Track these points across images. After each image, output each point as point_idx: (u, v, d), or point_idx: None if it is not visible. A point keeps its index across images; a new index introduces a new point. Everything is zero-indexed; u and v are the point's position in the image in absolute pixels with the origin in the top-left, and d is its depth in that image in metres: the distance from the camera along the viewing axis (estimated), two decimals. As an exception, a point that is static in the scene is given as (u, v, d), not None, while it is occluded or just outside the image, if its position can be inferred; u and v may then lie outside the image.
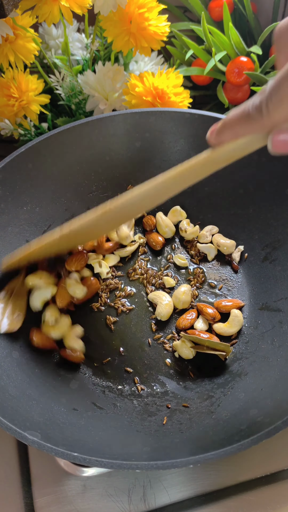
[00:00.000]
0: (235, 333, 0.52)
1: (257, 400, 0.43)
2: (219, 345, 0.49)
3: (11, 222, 0.54)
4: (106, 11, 0.59)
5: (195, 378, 0.49)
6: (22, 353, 0.48)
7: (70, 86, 0.66)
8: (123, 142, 0.60)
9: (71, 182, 0.59)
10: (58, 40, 0.72)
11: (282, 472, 0.46)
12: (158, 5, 0.61)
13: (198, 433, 0.42)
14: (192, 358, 0.50)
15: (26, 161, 0.55)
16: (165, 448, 0.40)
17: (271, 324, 0.51)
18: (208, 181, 0.60)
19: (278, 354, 0.47)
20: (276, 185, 0.55)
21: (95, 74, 0.65)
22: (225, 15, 0.66)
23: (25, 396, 0.43)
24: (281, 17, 0.76)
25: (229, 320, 0.52)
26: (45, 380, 0.47)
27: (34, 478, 0.47)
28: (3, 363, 0.45)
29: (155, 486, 0.45)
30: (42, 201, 0.57)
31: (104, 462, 0.35)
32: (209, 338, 0.50)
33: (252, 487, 0.46)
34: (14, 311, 0.50)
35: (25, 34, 0.61)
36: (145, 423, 0.45)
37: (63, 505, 0.45)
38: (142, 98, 0.62)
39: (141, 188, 0.42)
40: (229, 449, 0.35)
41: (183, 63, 0.75)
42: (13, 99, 0.62)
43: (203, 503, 0.45)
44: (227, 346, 0.49)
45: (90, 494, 0.45)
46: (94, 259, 0.57)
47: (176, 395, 0.48)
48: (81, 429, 0.42)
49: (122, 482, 0.45)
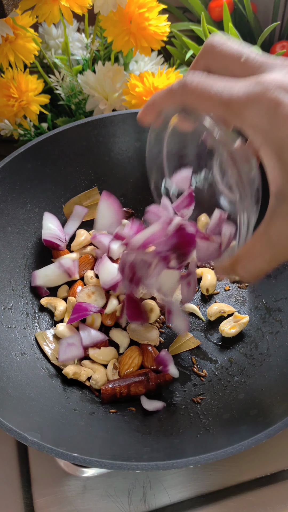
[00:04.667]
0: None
1: (257, 400, 0.43)
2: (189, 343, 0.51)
3: (11, 222, 0.54)
4: (106, 11, 0.59)
5: (194, 378, 0.49)
6: (22, 353, 0.48)
7: (70, 86, 0.66)
8: (123, 142, 0.60)
9: (71, 182, 0.59)
10: (58, 40, 0.72)
11: (282, 473, 0.46)
12: (158, 5, 0.61)
13: (198, 433, 0.42)
14: (191, 358, 0.50)
15: (26, 161, 0.55)
16: (165, 448, 0.40)
17: (271, 324, 0.51)
18: (208, 181, 0.61)
19: (278, 354, 0.47)
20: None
21: (95, 74, 0.65)
22: (225, 15, 0.66)
23: (24, 397, 0.43)
24: (281, 17, 0.77)
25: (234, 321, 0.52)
26: (45, 380, 0.47)
27: (34, 478, 0.47)
28: (3, 364, 0.45)
29: (155, 486, 0.45)
30: (42, 201, 0.57)
31: (104, 463, 0.35)
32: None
33: (252, 488, 0.45)
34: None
35: (25, 34, 0.61)
36: (145, 423, 0.45)
37: (63, 505, 0.45)
38: (142, 98, 0.62)
39: None
40: (229, 449, 0.35)
41: (183, 63, 0.75)
42: (12, 99, 0.62)
43: (203, 503, 0.45)
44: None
45: (90, 494, 0.45)
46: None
47: (176, 395, 0.48)
48: (81, 430, 0.42)
49: (122, 483, 0.45)
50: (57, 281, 0.55)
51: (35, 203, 0.57)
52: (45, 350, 0.50)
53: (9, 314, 0.50)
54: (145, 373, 0.47)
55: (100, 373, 0.48)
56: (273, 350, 0.48)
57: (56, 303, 0.53)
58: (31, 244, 0.56)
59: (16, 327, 0.50)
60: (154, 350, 0.50)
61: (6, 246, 0.53)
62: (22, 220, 0.55)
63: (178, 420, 0.45)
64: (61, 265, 0.54)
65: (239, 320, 0.51)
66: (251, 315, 0.53)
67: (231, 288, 0.56)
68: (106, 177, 0.61)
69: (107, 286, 0.52)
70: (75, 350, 0.49)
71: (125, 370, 0.48)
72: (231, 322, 0.52)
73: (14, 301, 0.52)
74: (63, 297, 0.55)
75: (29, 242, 0.56)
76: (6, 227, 0.53)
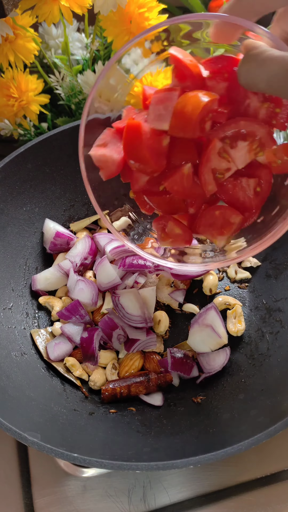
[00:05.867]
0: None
1: (257, 400, 0.43)
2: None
3: (11, 222, 0.54)
4: (106, 11, 0.59)
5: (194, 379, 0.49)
6: (22, 353, 0.48)
7: (70, 86, 0.66)
8: (123, 142, 0.60)
9: (71, 182, 0.59)
10: (58, 39, 0.72)
11: (282, 473, 0.46)
12: (158, 5, 0.61)
13: (198, 433, 0.42)
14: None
15: (25, 161, 0.55)
16: (165, 448, 0.40)
17: (271, 324, 0.51)
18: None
19: (278, 354, 0.47)
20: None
21: (95, 74, 0.65)
22: (225, 15, 0.66)
23: (24, 397, 0.43)
24: (281, 17, 0.76)
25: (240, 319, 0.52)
26: (45, 380, 0.47)
27: (34, 478, 0.47)
28: (3, 364, 0.45)
29: (155, 486, 0.45)
30: (41, 201, 0.57)
31: (104, 463, 0.35)
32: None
33: (252, 488, 0.46)
34: None
35: (25, 34, 0.61)
36: (145, 423, 0.45)
37: (63, 505, 0.45)
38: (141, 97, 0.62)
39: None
40: (229, 449, 0.35)
41: (183, 63, 0.75)
42: (12, 99, 0.62)
43: (203, 503, 0.45)
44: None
45: (90, 494, 0.45)
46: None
47: (176, 395, 0.48)
48: (81, 430, 0.42)
49: (122, 483, 0.45)
50: (57, 284, 0.55)
51: (35, 203, 0.57)
52: (38, 346, 0.50)
53: (9, 314, 0.50)
54: (146, 374, 0.47)
55: (98, 373, 0.48)
56: (273, 350, 0.48)
57: (54, 302, 0.53)
58: (31, 244, 0.56)
59: (16, 327, 0.50)
60: (157, 356, 0.50)
61: (6, 246, 0.53)
62: (22, 220, 0.55)
63: (178, 420, 0.45)
64: (60, 267, 0.54)
65: (236, 311, 0.52)
66: (251, 315, 0.53)
67: (231, 288, 0.56)
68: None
69: (104, 288, 0.52)
70: (64, 346, 0.50)
71: (125, 372, 0.49)
72: (232, 320, 0.52)
73: (14, 301, 0.52)
74: (61, 296, 0.55)
75: (29, 242, 0.56)
76: (6, 227, 0.53)
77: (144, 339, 0.49)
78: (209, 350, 0.49)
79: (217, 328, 0.49)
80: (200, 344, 0.49)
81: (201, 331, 0.50)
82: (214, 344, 0.49)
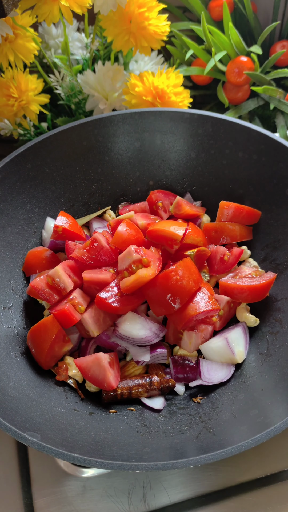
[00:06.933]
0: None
1: (257, 400, 0.43)
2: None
3: (11, 222, 0.54)
4: (106, 11, 0.59)
5: (195, 379, 0.49)
6: (22, 353, 0.48)
7: (69, 86, 0.66)
8: (122, 142, 0.60)
9: (71, 182, 0.59)
10: (58, 39, 0.72)
11: (282, 473, 0.46)
12: (158, 5, 0.61)
13: (198, 433, 0.42)
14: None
15: (25, 161, 0.55)
16: (165, 448, 0.40)
17: (271, 324, 0.51)
18: (207, 181, 0.61)
19: (278, 354, 0.47)
20: (276, 185, 0.54)
21: (95, 74, 0.65)
22: (225, 15, 0.66)
23: (24, 397, 0.43)
24: (281, 17, 0.76)
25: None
26: (45, 380, 0.47)
27: (34, 478, 0.46)
28: (2, 364, 0.45)
29: (155, 487, 0.45)
30: (41, 201, 0.57)
31: (104, 463, 0.35)
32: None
33: (252, 488, 0.45)
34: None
35: (25, 34, 0.61)
36: (145, 423, 0.45)
37: (62, 505, 0.45)
38: (142, 97, 0.62)
39: None
40: (229, 449, 0.35)
41: (183, 62, 0.75)
42: (12, 99, 0.62)
43: (203, 503, 0.45)
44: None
45: (90, 494, 0.45)
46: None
47: (176, 395, 0.48)
48: (81, 430, 0.42)
49: (122, 483, 0.45)
50: None
51: (35, 203, 0.57)
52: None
53: (9, 314, 0.50)
54: (149, 377, 0.47)
55: None
56: (273, 350, 0.48)
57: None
58: (31, 244, 0.56)
59: (16, 327, 0.50)
60: (162, 367, 0.50)
61: (6, 246, 0.53)
62: (22, 220, 0.55)
63: (178, 420, 0.45)
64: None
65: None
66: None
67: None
68: (106, 177, 0.61)
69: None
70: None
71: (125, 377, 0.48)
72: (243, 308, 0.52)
73: (14, 301, 0.52)
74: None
75: (29, 242, 0.56)
76: (6, 227, 0.53)
77: (149, 359, 0.48)
78: (218, 360, 0.48)
79: (236, 346, 0.48)
80: (211, 352, 0.48)
81: (218, 341, 0.48)
82: (226, 358, 0.48)
